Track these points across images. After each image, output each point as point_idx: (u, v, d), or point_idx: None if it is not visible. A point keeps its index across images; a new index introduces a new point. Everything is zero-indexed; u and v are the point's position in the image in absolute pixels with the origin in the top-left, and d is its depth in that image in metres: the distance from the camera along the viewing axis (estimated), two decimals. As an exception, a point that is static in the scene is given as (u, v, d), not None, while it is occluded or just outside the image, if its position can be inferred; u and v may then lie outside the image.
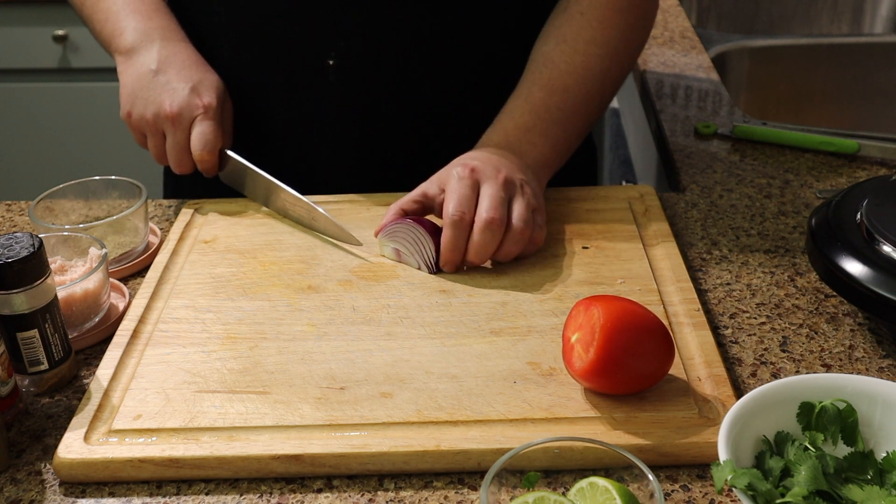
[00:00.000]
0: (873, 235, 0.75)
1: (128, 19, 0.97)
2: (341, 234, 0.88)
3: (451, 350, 0.74)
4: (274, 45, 0.97)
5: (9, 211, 1.03)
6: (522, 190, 0.84)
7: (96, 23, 1.01)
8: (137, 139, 0.97)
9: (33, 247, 0.69)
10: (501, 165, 0.85)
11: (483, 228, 0.81)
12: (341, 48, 0.94)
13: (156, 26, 0.97)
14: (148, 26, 0.97)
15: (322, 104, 0.98)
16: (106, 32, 0.99)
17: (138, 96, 0.94)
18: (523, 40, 0.98)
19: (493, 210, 0.81)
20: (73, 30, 2.22)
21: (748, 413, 0.61)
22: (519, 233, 0.82)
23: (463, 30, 0.95)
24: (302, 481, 0.65)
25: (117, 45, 0.98)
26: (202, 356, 0.74)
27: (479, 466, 0.64)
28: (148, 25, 0.97)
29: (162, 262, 0.87)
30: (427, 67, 0.96)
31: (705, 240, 0.91)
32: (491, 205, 0.81)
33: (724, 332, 0.78)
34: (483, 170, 0.84)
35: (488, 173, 0.84)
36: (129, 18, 0.97)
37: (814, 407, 0.62)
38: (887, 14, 1.68)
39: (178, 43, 0.97)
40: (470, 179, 0.83)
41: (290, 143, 1.01)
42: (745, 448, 0.60)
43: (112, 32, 0.98)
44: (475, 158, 0.86)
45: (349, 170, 1.01)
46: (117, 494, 0.64)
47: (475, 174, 0.83)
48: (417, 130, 0.99)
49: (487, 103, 0.98)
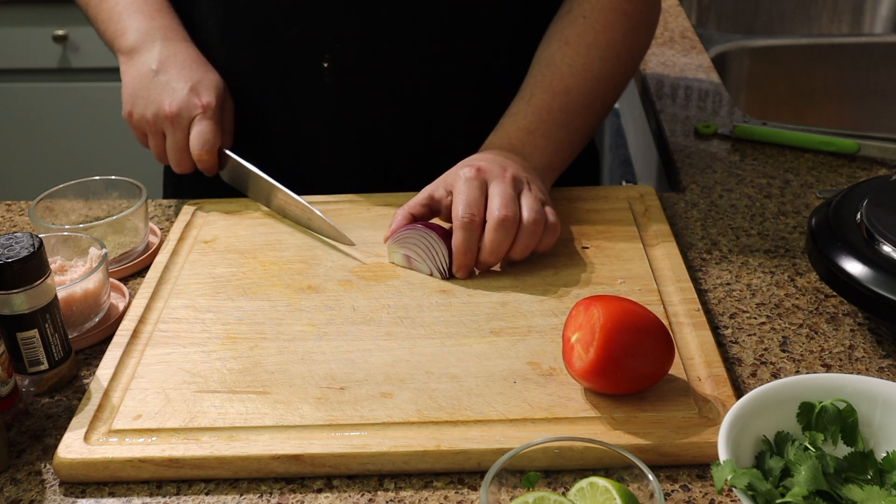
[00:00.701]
0: (873, 235, 0.75)
1: (130, 19, 0.98)
2: (335, 234, 0.88)
3: (451, 350, 0.74)
4: (269, 46, 0.97)
5: (9, 211, 1.03)
6: (529, 186, 0.84)
7: (101, 22, 1.01)
8: (139, 138, 0.98)
9: (33, 247, 0.69)
10: (507, 165, 0.85)
11: (496, 227, 0.80)
12: (336, 50, 0.94)
13: (158, 26, 0.97)
14: (150, 26, 0.97)
15: (317, 106, 0.98)
16: (109, 32, 1.00)
17: (139, 96, 0.94)
18: (519, 42, 0.98)
19: (504, 208, 0.80)
20: (73, 30, 2.22)
21: (748, 413, 0.61)
22: (532, 226, 0.81)
23: (458, 31, 0.95)
24: (302, 481, 0.65)
25: (120, 45, 0.98)
26: (202, 356, 0.74)
27: (479, 466, 0.64)
28: (150, 25, 0.97)
29: (162, 262, 0.87)
30: (423, 69, 0.96)
31: (705, 240, 0.91)
32: (502, 202, 0.80)
33: (724, 332, 0.78)
34: (490, 169, 0.84)
35: (495, 172, 0.83)
36: (132, 18, 0.98)
37: (814, 407, 0.62)
38: (887, 14, 1.68)
39: (179, 43, 0.97)
40: (477, 180, 0.83)
41: (286, 145, 1.01)
42: (745, 448, 0.60)
43: (115, 32, 0.99)
44: (481, 160, 0.86)
45: (345, 171, 1.01)
46: (117, 494, 0.64)
47: (482, 174, 0.83)
48: (413, 132, 0.99)
49: (483, 104, 0.98)
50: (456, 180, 0.83)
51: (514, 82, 0.96)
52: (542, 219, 0.82)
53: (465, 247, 0.81)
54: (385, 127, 0.98)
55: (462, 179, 0.83)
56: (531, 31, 0.97)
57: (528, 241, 0.81)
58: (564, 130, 0.92)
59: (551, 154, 0.91)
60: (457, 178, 0.84)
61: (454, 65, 0.97)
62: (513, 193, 0.82)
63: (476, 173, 0.83)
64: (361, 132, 0.99)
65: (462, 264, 0.82)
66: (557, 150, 0.92)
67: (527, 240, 0.81)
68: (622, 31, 0.93)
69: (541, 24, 0.97)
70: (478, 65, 0.97)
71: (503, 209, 0.80)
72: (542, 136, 0.90)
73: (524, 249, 0.82)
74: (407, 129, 0.99)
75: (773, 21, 1.73)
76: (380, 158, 1.00)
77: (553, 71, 0.92)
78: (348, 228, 0.91)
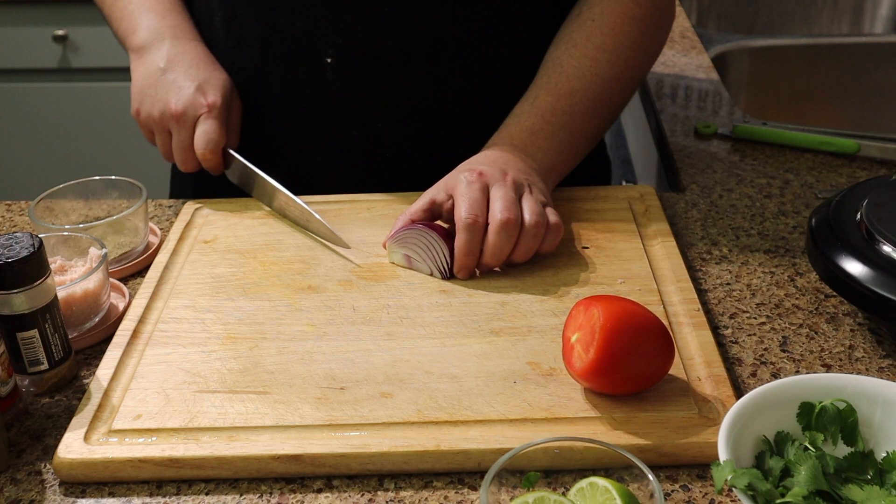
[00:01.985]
0: (873, 235, 0.75)
1: (142, 17, 0.99)
2: (331, 237, 0.88)
3: (451, 350, 0.74)
4: (272, 43, 0.97)
5: (9, 211, 1.03)
6: (531, 189, 0.84)
7: (114, 20, 1.02)
8: (146, 136, 0.98)
9: (33, 247, 0.69)
10: (508, 168, 0.85)
11: (499, 229, 0.80)
12: (340, 46, 0.94)
13: (168, 24, 0.98)
14: (160, 24, 0.98)
15: (320, 102, 0.98)
16: (122, 30, 1.01)
17: (146, 94, 0.95)
18: (524, 40, 0.98)
19: (507, 210, 0.80)
20: (73, 30, 2.22)
21: (748, 413, 0.61)
22: (534, 227, 0.81)
23: (463, 29, 0.95)
24: (302, 481, 0.65)
25: (130, 43, 0.99)
26: (202, 356, 0.74)
27: (479, 466, 0.64)
28: (160, 24, 0.98)
29: (162, 262, 0.87)
30: (427, 66, 0.96)
31: (705, 240, 0.91)
32: (504, 205, 0.81)
33: (724, 332, 0.77)
34: (491, 173, 0.84)
35: (496, 176, 0.84)
36: (143, 17, 0.99)
37: (814, 407, 0.62)
38: (887, 14, 1.68)
39: (188, 41, 0.97)
40: (479, 183, 0.83)
41: (289, 142, 1.01)
42: (745, 448, 0.59)
43: (126, 30, 1.00)
44: (481, 163, 0.86)
45: (347, 168, 1.01)
46: (117, 494, 0.64)
47: (483, 178, 0.83)
48: (416, 129, 0.99)
49: (486, 103, 0.98)
50: (457, 184, 0.84)
51: (517, 81, 0.96)
52: (544, 221, 0.82)
53: (468, 248, 0.81)
54: (388, 124, 0.98)
55: (464, 183, 0.83)
56: (537, 30, 0.97)
57: (530, 244, 0.82)
58: (568, 133, 0.92)
59: (553, 156, 0.91)
60: (458, 182, 0.84)
61: (458, 63, 0.97)
62: (514, 197, 0.82)
63: (477, 177, 0.83)
64: (364, 129, 0.99)
65: (464, 265, 0.82)
66: (560, 152, 0.92)
67: (529, 242, 0.81)
68: (631, 35, 0.93)
69: (546, 23, 0.97)
70: (482, 63, 0.97)
71: (505, 212, 0.80)
72: (544, 137, 0.90)
73: (526, 252, 0.82)
74: (410, 126, 0.99)
75: (773, 21, 1.73)
76: (382, 155, 1.00)
77: (559, 73, 0.92)
78: (348, 229, 0.91)
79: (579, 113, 0.92)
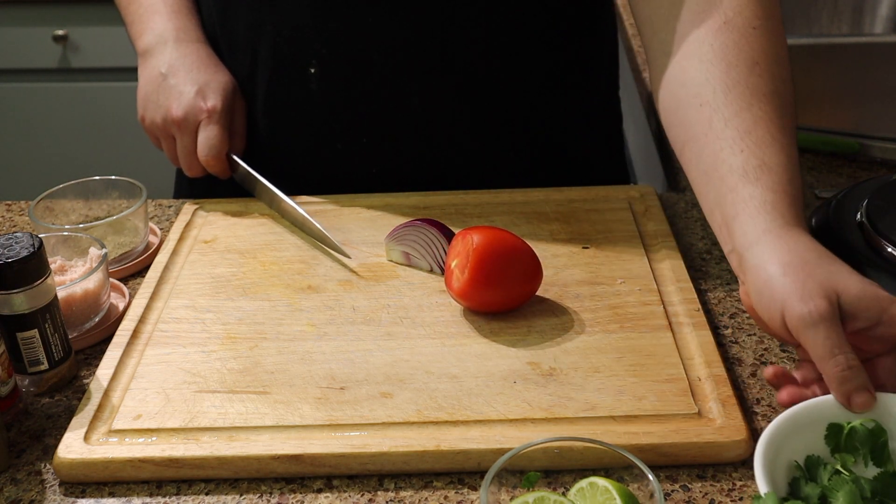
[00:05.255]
0: (873, 235, 0.75)
1: (150, 20, 0.98)
2: (335, 247, 0.86)
3: (451, 350, 0.74)
4: (259, 50, 0.95)
5: (9, 211, 1.03)
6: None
7: (128, 25, 1.02)
8: (153, 142, 0.98)
9: (33, 247, 0.69)
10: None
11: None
12: (323, 56, 0.92)
13: (172, 27, 0.97)
14: (165, 27, 0.97)
15: (305, 113, 0.96)
16: (132, 34, 1.01)
17: (150, 100, 0.95)
18: (510, 53, 0.94)
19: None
20: (73, 30, 2.22)
21: (779, 439, 0.59)
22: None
23: (447, 42, 0.93)
24: (302, 481, 0.65)
25: (137, 47, 0.99)
26: (202, 356, 0.74)
27: (479, 466, 0.64)
28: (165, 27, 0.97)
29: (162, 262, 0.87)
30: (411, 77, 0.93)
31: (705, 240, 0.91)
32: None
33: (724, 332, 0.77)
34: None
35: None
36: (151, 20, 0.98)
37: (842, 428, 0.60)
38: (887, 14, 1.68)
39: (190, 44, 0.97)
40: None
41: (275, 151, 1.00)
42: (778, 475, 0.58)
43: (135, 34, 1.00)
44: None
45: (331, 178, 0.98)
46: (117, 494, 0.64)
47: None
48: (400, 142, 0.96)
49: (473, 116, 0.96)
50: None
51: (504, 95, 0.94)
52: None
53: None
54: (372, 136, 0.96)
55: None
56: (525, 44, 0.95)
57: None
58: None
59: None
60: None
61: (443, 74, 0.94)
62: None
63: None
64: (348, 141, 0.97)
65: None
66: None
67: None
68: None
69: (534, 37, 0.95)
70: (466, 76, 0.95)
71: None
72: (796, 186, 0.71)
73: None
74: (394, 138, 0.96)
75: (773, 21, 1.73)
76: (368, 171, 0.98)
77: (765, 103, 0.75)
78: (348, 229, 0.91)
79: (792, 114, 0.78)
